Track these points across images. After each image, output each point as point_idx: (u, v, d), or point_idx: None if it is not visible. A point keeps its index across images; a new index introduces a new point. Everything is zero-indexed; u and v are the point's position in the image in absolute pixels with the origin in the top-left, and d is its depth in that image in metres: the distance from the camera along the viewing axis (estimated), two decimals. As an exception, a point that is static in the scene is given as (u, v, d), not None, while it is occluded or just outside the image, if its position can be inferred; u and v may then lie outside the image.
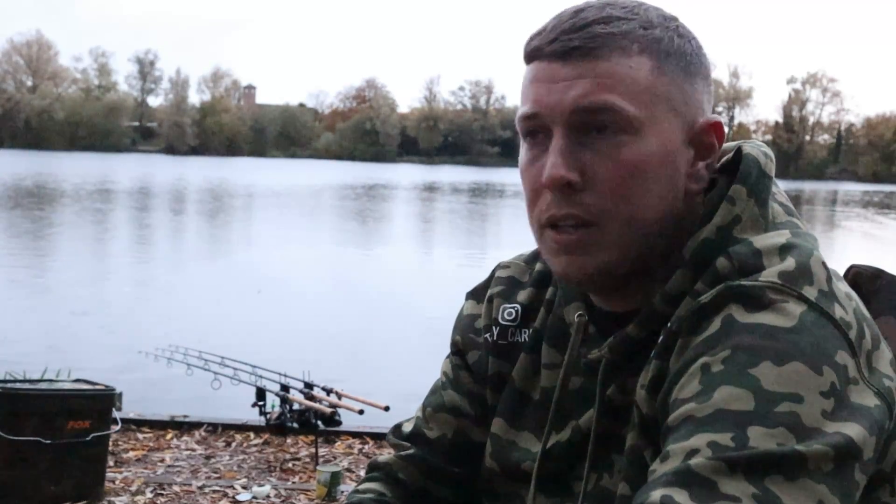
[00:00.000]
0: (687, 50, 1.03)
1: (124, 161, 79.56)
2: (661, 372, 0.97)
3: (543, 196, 1.01)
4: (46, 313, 11.64)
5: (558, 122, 0.99)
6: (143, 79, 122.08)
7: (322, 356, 8.98)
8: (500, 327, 1.19)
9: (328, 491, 4.79)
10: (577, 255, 1.00)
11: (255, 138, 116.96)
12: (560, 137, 0.99)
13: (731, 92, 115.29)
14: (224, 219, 29.28)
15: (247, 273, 15.93)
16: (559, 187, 0.99)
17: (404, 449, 1.24)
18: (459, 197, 46.17)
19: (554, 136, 1.00)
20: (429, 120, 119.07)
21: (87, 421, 4.57)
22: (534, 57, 1.02)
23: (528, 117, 1.02)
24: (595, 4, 1.02)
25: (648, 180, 0.99)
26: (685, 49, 1.02)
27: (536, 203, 1.03)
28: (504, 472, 1.15)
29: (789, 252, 0.97)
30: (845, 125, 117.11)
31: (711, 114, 1.05)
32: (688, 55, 1.03)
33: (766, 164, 1.05)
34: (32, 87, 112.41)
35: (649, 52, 1.00)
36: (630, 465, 1.01)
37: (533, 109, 1.01)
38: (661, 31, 1.01)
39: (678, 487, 0.82)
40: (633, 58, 0.99)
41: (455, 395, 1.22)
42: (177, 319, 11.21)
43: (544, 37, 1.01)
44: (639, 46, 0.99)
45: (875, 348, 0.95)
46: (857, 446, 0.86)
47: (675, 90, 1.01)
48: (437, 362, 1.28)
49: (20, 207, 28.59)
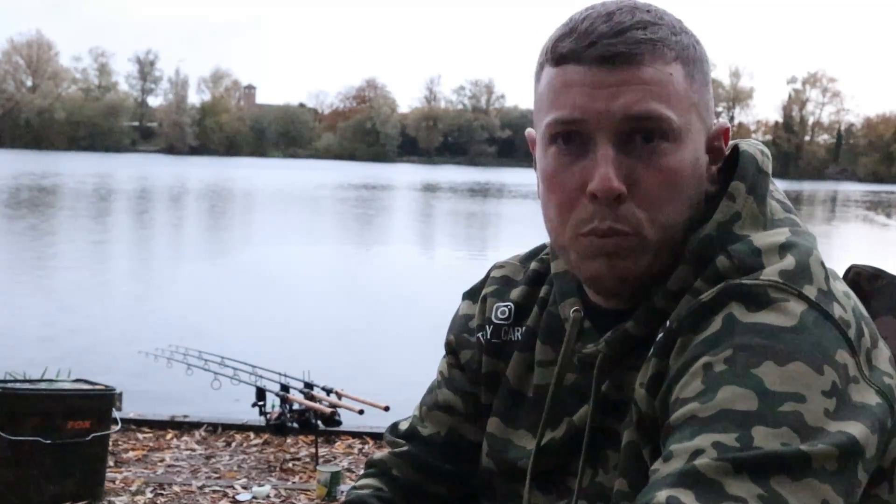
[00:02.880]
0: (704, 56, 1.04)
1: (124, 161, 79.52)
2: (661, 370, 0.97)
3: (582, 204, 1.00)
4: (46, 313, 11.63)
5: (606, 129, 0.98)
6: (144, 79, 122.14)
7: (322, 356, 8.98)
8: (494, 326, 1.19)
9: (328, 491, 4.79)
10: (616, 260, 1.00)
11: (255, 138, 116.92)
12: (607, 146, 0.98)
13: (732, 92, 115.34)
14: (224, 219, 29.29)
15: (247, 273, 15.92)
16: (609, 199, 0.98)
17: (399, 446, 1.25)
18: (459, 197, 46.17)
19: (599, 145, 0.98)
20: (429, 120, 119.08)
21: (87, 421, 4.56)
22: (567, 60, 1.00)
23: (567, 122, 1.00)
24: (622, 7, 1.00)
25: (685, 187, 1.00)
26: (703, 56, 1.04)
27: (571, 209, 1.01)
28: (500, 470, 1.16)
29: (789, 251, 0.97)
30: (845, 125, 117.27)
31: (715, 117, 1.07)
32: (705, 62, 1.04)
33: (763, 162, 1.06)
34: (32, 87, 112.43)
35: (682, 59, 1.00)
36: (627, 462, 1.01)
37: (575, 115, 0.99)
38: (686, 37, 1.02)
39: (684, 488, 0.82)
40: (670, 65, 0.99)
41: (449, 393, 1.23)
42: (177, 319, 11.21)
43: (579, 40, 0.99)
44: (673, 53, 0.99)
45: (874, 346, 0.95)
46: (860, 445, 0.86)
47: (700, 97, 1.02)
48: (437, 361, 1.28)
49: (20, 207, 28.58)
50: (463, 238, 25.41)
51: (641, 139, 0.98)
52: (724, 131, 1.06)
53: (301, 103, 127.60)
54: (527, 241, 1.14)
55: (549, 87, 1.01)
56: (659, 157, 0.98)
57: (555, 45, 1.01)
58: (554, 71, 1.01)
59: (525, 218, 27.78)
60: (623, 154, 0.98)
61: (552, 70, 1.01)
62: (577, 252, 1.02)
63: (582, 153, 1.00)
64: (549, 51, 1.02)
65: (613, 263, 1.00)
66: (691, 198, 1.01)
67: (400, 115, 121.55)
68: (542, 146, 1.04)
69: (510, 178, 66.51)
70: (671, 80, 0.98)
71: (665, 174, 0.98)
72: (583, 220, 1.00)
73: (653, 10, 1.01)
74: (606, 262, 1.00)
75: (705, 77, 1.03)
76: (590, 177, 0.98)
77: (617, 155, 0.98)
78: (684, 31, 1.02)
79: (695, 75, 1.01)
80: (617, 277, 1.01)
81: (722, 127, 1.06)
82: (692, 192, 1.01)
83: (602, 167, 0.97)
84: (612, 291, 1.06)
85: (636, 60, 0.97)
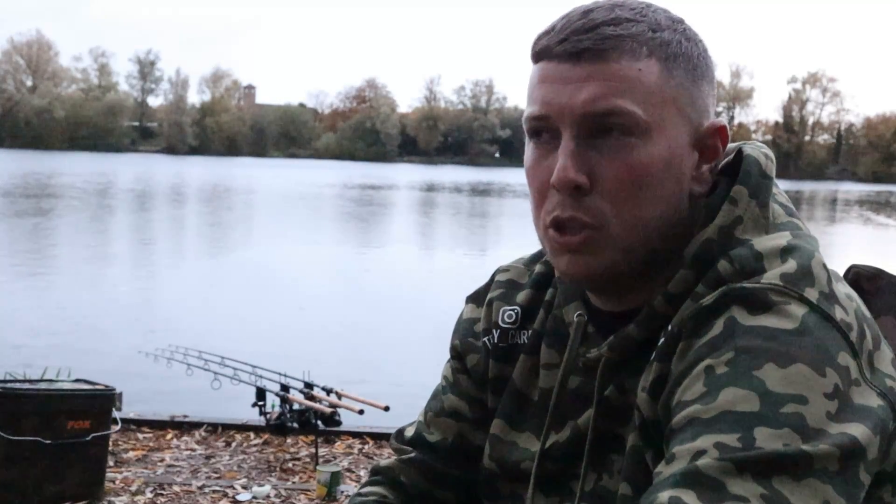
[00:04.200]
0: (694, 53, 1.03)
1: (124, 161, 79.56)
2: (663, 374, 0.97)
3: (550, 196, 1.01)
4: (46, 313, 11.64)
5: (567, 123, 0.99)
6: (144, 79, 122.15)
7: (322, 356, 8.99)
8: (501, 330, 1.19)
9: (328, 491, 4.79)
10: (581, 255, 1.01)
11: (255, 138, 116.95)
12: (569, 139, 0.99)
13: (732, 92, 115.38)
14: (224, 219, 29.28)
15: (247, 273, 15.92)
16: (568, 190, 0.99)
17: (406, 453, 1.25)
18: (459, 196, 46.17)
19: (563, 138, 1.00)
20: (429, 120, 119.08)
21: (87, 421, 4.57)
22: (542, 56, 1.02)
23: (535, 118, 1.02)
24: (604, 5, 1.02)
25: (654, 183, 1.00)
26: (692, 52, 1.03)
27: (542, 203, 1.03)
28: (503, 472, 1.15)
29: (790, 254, 0.97)
30: (845, 125, 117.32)
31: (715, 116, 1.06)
32: (694, 58, 1.03)
33: (767, 165, 1.06)
34: (32, 87, 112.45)
35: (658, 55, 1.00)
36: (631, 466, 1.01)
37: (541, 110, 1.01)
38: (670, 33, 1.01)
39: (686, 488, 0.82)
40: (641, 61, 0.99)
41: (455, 399, 1.23)
42: (177, 319, 11.21)
43: (553, 36, 1.01)
44: (647, 49, 0.99)
45: (876, 348, 0.95)
46: (861, 446, 0.86)
47: (682, 93, 1.01)
48: (438, 362, 1.28)
49: (20, 207, 28.58)
50: (463, 238, 25.41)
51: (605, 134, 0.99)
52: (718, 129, 1.04)
53: (301, 103, 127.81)
54: (527, 242, 1.14)
55: (529, 84, 1.04)
56: (624, 151, 0.98)
57: (535, 42, 1.04)
58: (534, 68, 1.04)
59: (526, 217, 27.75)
60: (586, 148, 0.99)
61: (533, 67, 1.04)
62: (548, 247, 1.04)
63: (553, 148, 1.01)
64: (531, 48, 1.04)
65: (576, 259, 1.01)
66: (665, 196, 1.01)
67: (400, 115, 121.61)
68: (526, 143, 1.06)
69: (510, 178, 66.50)
70: (640, 76, 0.98)
71: (631, 169, 0.98)
72: (547, 212, 1.02)
73: (637, 8, 1.02)
74: (571, 258, 1.01)
75: (693, 74, 1.02)
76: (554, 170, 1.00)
77: (578, 148, 0.99)
78: (672, 28, 1.02)
79: (674, 71, 1.00)
80: (584, 272, 1.01)
81: (714, 125, 1.04)
82: (666, 190, 1.00)
83: (561, 159, 0.99)
84: (588, 287, 1.07)
85: (603, 56, 0.98)
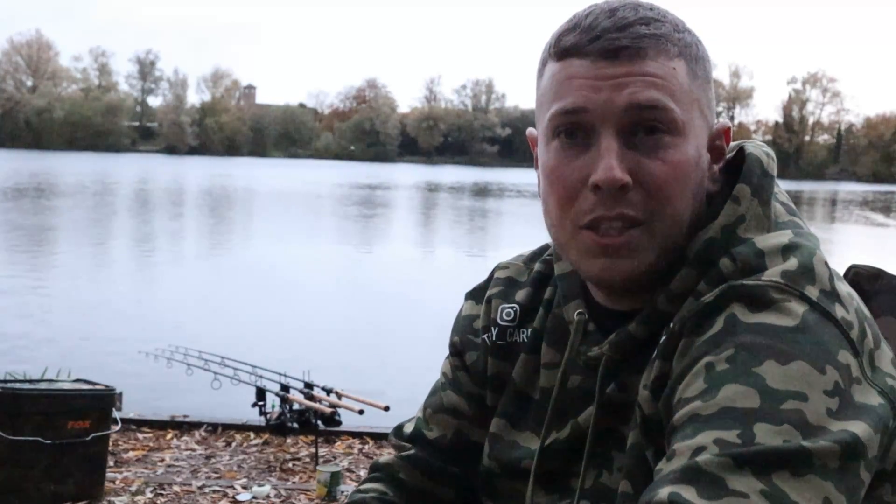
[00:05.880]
0: (707, 56, 1.04)
1: (124, 161, 79.54)
2: (664, 372, 0.97)
3: (583, 196, 0.99)
4: (46, 313, 11.64)
5: (609, 120, 0.98)
6: (144, 79, 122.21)
7: (322, 356, 8.99)
8: (499, 328, 1.19)
9: (328, 491, 4.79)
10: (620, 258, 0.99)
11: (255, 138, 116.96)
12: (611, 138, 0.98)
13: (732, 92, 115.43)
14: (224, 218, 29.28)
15: (247, 273, 15.93)
16: (613, 189, 0.97)
17: (405, 450, 1.25)
18: (460, 196, 46.16)
19: (602, 136, 0.98)
20: (429, 120, 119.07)
21: (87, 421, 4.57)
22: (569, 54, 1.00)
23: (571, 112, 0.99)
24: (626, 4, 1.01)
25: (688, 182, 1.00)
26: (706, 54, 1.04)
27: (573, 203, 1.00)
28: (503, 470, 1.15)
29: (792, 252, 0.97)
30: (845, 125, 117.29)
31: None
32: (707, 61, 1.04)
33: (769, 164, 1.06)
34: (32, 87, 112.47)
35: (684, 55, 1.00)
36: (632, 464, 1.01)
37: (578, 105, 0.99)
38: (689, 35, 1.02)
39: (686, 484, 0.82)
40: (673, 60, 0.99)
41: (454, 395, 1.23)
42: (177, 319, 11.21)
43: (582, 34, 0.99)
44: (676, 49, 1.00)
45: (876, 347, 0.95)
46: (862, 444, 0.86)
47: (703, 95, 1.02)
48: (438, 362, 1.28)
49: (20, 207, 28.58)
50: (463, 238, 25.40)
51: (645, 132, 0.98)
52: (724, 131, 1.06)
53: (301, 103, 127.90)
54: (527, 240, 1.14)
55: (552, 81, 1.01)
56: (663, 149, 0.98)
57: (558, 40, 1.01)
58: (557, 65, 1.01)
59: (525, 217, 27.77)
60: (627, 147, 0.98)
61: (555, 65, 1.01)
62: (578, 249, 1.01)
63: (584, 147, 0.99)
64: (552, 46, 1.02)
65: (614, 262, 0.99)
66: (695, 194, 1.01)
67: (400, 115, 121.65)
68: (543, 142, 1.04)
69: (511, 178, 66.48)
70: (675, 75, 0.99)
71: (670, 167, 0.98)
72: (582, 212, 0.99)
73: (655, 9, 1.02)
74: (609, 261, 0.99)
75: (707, 76, 1.04)
76: (592, 169, 0.98)
77: (620, 147, 0.98)
78: (687, 30, 1.03)
79: (697, 73, 1.01)
80: (622, 275, 1.00)
81: (723, 126, 1.06)
82: (696, 188, 1.01)
83: (606, 158, 0.97)
84: (616, 290, 1.05)
85: (640, 54, 0.98)
